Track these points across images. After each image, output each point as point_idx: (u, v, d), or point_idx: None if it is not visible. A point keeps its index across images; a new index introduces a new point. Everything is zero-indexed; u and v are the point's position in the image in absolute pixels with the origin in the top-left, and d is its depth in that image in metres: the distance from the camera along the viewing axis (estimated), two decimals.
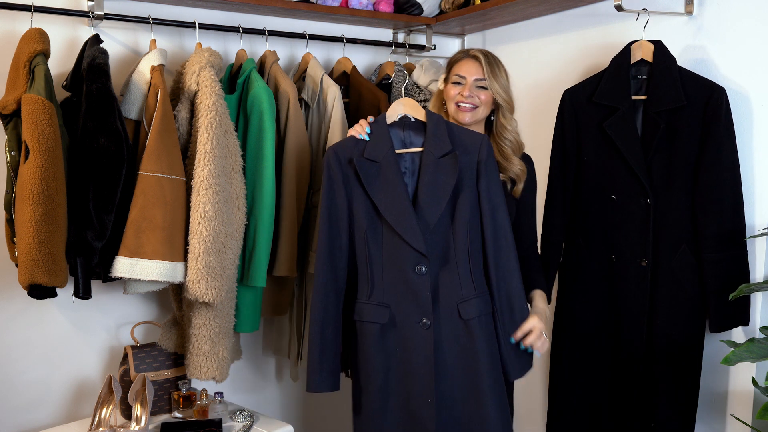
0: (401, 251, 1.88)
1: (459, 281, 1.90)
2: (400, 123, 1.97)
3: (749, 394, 2.09)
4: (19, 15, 2.21)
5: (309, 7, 2.58)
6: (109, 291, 2.45)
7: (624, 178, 2.15)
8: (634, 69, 2.20)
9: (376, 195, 1.89)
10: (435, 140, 1.91)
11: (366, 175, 1.89)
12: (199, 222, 2.11)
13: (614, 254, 2.19)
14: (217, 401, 2.37)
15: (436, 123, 1.94)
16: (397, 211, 1.87)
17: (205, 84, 2.18)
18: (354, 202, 1.93)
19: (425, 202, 1.88)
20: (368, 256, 1.92)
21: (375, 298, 1.92)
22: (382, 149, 1.92)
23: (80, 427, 2.29)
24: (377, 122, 1.97)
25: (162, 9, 2.46)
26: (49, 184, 1.93)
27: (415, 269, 1.88)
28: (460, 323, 1.90)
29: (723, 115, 2.03)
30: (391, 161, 1.91)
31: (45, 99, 1.94)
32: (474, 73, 2.09)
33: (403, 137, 1.97)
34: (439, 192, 1.88)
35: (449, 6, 2.86)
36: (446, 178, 1.88)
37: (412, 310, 1.89)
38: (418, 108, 1.97)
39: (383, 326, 1.91)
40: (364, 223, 1.92)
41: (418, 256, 1.87)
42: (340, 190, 1.93)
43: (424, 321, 1.88)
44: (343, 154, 1.94)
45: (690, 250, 2.08)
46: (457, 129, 1.97)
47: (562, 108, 2.32)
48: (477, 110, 2.10)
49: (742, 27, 2.11)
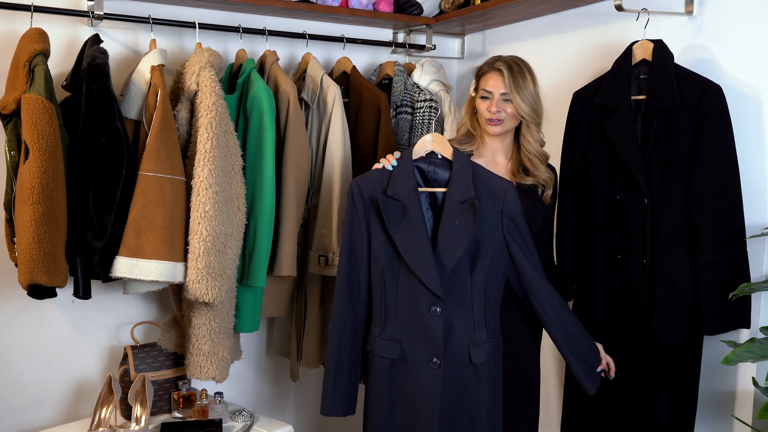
0: (417, 291, 1.90)
1: (473, 325, 1.92)
2: (426, 159, 1.97)
3: (750, 395, 2.09)
4: (19, 15, 2.21)
5: (309, 7, 2.58)
6: (109, 291, 2.45)
7: (625, 179, 2.15)
8: (636, 69, 2.20)
9: (396, 235, 1.90)
10: (459, 183, 1.91)
11: (388, 214, 1.90)
12: (199, 222, 2.11)
13: (620, 254, 2.20)
14: (217, 401, 2.37)
15: (463, 165, 1.94)
16: (417, 252, 1.88)
17: (205, 84, 2.18)
18: (373, 237, 1.95)
19: (444, 247, 1.88)
20: (384, 291, 1.94)
21: (387, 333, 1.94)
22: (405, 188, 1.92)
23: (80, 427, 2.28)
24: (403, 158, 1.97)
25: (162, 9, 2.46)
26: (49, 184, 1.93)
27: (430, 310, 1.89)
28: (470, 367, 1.92)
29: (717, 113, 2.01)
30: (413, 201, 1.91)
31: (45, 99, 1.94)
32: (499, 88, 2.10)
33: (428, 171, 1.98)
34: (459, 237, 1.88)
35: (449, 6, 2.86)
36: (467, 225, 1.88)
37: (424, 349, 1.91)
38: (447, 145, 1.97)
39: (393, 361, 1.94)
40: (382, 260, 1.93)
41: (434, 298, 1.88)
42: (361, 224, 1.95)
43: (434, 360, 1.90)
44: (366, 190, 1.95)
45: (685, 250, 2.08)
46: (483, 173, 1.97)
47: (571, 110, 2.33)
48: (504, 123, 2.12)
49: (743, 26, 2.11)
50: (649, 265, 2.12)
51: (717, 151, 2.02)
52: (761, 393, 1.90)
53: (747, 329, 2.07)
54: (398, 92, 2.71)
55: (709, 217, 2.03)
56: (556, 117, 2.43)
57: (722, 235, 2.02)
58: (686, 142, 2.06)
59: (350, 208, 1.97)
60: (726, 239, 2.02)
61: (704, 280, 2.04)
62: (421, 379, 1.91)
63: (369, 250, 1.96)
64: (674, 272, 2.09)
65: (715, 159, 2.02)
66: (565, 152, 2.35)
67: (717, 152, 2.02)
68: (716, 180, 2.02)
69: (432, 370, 1.89)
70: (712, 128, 2.02)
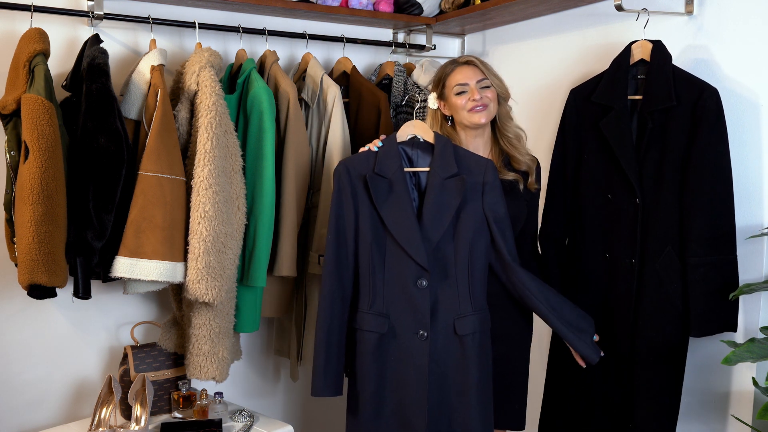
0: (404, 265, 1.96)
1: (458, 297, 1.99)
2: (410, 143, 2.06)
3: (749, 394, 2.09)
4: (19, 15, 2.21)
5: (309, 7, 2.58)
6: (109, 291, 2.45)
7: (618, 178, 2.16)
8: (634, 69, 2.20)
9: (384, 210, 1.97)
10: (442, 162, 2.00)
11: (376, 190, 1.97)
12: (199, 222, 2.11)
13: (608, 253, 2.21)
14: (217, 401, 2.37)
15: (444, 145, 2.03)
16: (404, 226, 1.96)
17: (205, 84, 2.18)
18: (361, 215, 2.01)
19: (429, 220, 1.96)
20: (371, 267, 2.00)
21: (375, 308, 2.00)
22: (391, 166, 2.00)
23: (80, 427, 2.28)
24: (388, 140, 2.06)
25: (162, 9, 2.46)
26: (49, 184, 1.93)
27: (417, 283, 1.96)
28: (455, 338, 1.98)
29: (713, 116, 2.02)
30: (400, 178, 1.99)
31: (45, 99, 1.94)
32: (474, 77, 2.15)
33: (412, 155, 2.06)
34: (444, 211, 1.96)
35: (449, 6, 2.86)
36: (450, 199, 1.97)
37: (411, 322, 1.97)
38: (428, 130, 2.07)
39: (382, 336, 1.99)
40: (369, 236, 1.99)
41: (420, 270, 1.95)
42: (348, 203, 2.01)
43: (422, 333, 1.96)
44: (353, 169, 2.03)
45: (675, 252, 2.08)
46: (463, 152, 2.06)
47: (567, 107, 2.34)
48: (489, 108, 2.15)
49: (743, 26, 2.11)
50: (637, 266, 2.12)
51: (711, 155, 2.03)
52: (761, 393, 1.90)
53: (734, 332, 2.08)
54: (398, 92, 2.71)
55: (701, 220, 2.03)
56: (556, 116, 2.43)
57: (713, 238, 2.03)
58: (681, 143, 2.07)
59: (337, 187, 2.03)
60: (717, 242, 2.03)
61: (694, 283, 2.04)
62: (408, 352, 1.97)
63: (356, 227, 2.01)
64: (663, 273, 2.09)
65: (710, 162, 2.03)
66: (558, 148, 2.35)
67: (711, 155, 2.03)
68: (709, 183, 2.03)
69: (419, 342, 1.96)
70: (708, 131, 2.02)
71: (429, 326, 1.95)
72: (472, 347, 1.97)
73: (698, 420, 2.20)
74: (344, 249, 2.02)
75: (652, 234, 2.11)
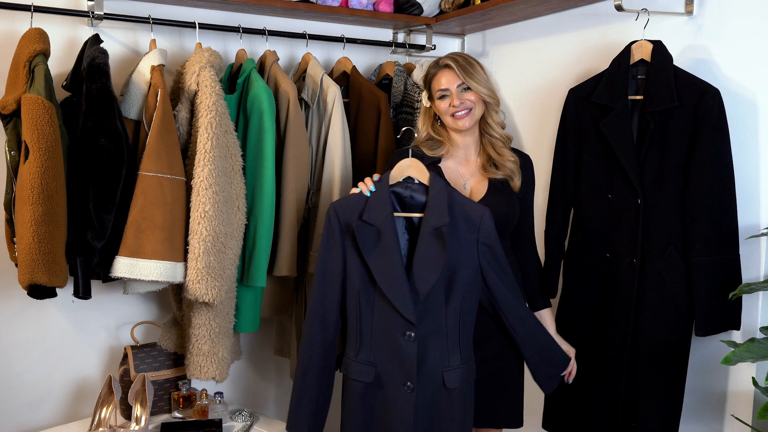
0: (391, 317, 1.90)
1: (447, 350, 1.93)
2: (404, 184, 1.98)
3: (749, 394, 2.09)
4: (19, 15, 2.21)
5: (309, 7, 2.58)
6: (109, 291, 2.45)
7: (618, 178, 2.16)
8: (634, 69, 2.20)
9: (371, 260, 1.90)
10: (434, 209, 1.92)
11: (363, 240, 1.90)
12: (199, 222, 2.11)
13: (608, 252, 2.21)
14: (217, 401, 2.37)
15: (438, 191, 1.94)
16: (391, 278, 1.89)
17: (205, 84, 2.18)
18: (349, 262, 1.95)
19: (418, 273, 1.89)
20: (359, 315, 1.95)
21: (362, 356, 1.95)
22: (381, 214, 1.92)
23: (80, 427, 2.29)
24: (380, 183, 1.98)
25: (162, 9, 2.46)
26: (49, 184, 1.93)
27: (405, 335, 1.90)
28: (443, 391, 1.94)
29: (715, 117, 2.02)
30: (389, 227, 1.91)
31: (45, 99, 1.94)
32: (453, 81, 2.12)
33: (405, 197, 1.99)
34: (433, 264, 1.88)
35: (449, 6, 2.86)
36: (441, 252, 1.88)
37: (397, 373, 1.92)
38: (424, 170, 1.98)
39: (368, 385, 1.95)
40: (357, 284, 1.94)
41: (408, 324, 1.89)
42: (336, 248, 1.95)
43: (408, 384, 1.91)
44: (343, 214, 1.96)
45: (677, 252, 2.08)
46: (459, 198, 1.97)
47: (566, 107, 2.33)
48: (473, 112, 2.13)
49: (743, 26, 2.11)
50: (639, 265, 2.12)
51: (714, 155, 2.03)
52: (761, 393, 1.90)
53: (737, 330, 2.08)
54: (398, 92, 2.71)
55: (704, 220, 2.03)
56: (555, 116, 2.43)
57: (716, 238, 2.03)
58: (683, 144, 2.07)
59: (326, 231, 1.97)
60: (720, 242, 2.03)
61: (697, 282, 2.04)
62: (394, 402, 1.92)
63: (344, 274, 1.96)
64: (666, 273, 2.09)
65: (712, 162, 2.03)
66: (558, 148, 2.35)
67: (714, 156, 2.03)
68: (712, 183, 2.03)
69: (405, 394, 1.90)
70: (710, 132, 2.02)
71: (416, 378, 1.90)
72: (459, 400, 1.94)
73: (698, 420, 2.20)
74: (330, 292, 1.97)
75: (654, 234, 2.11)
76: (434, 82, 2.16)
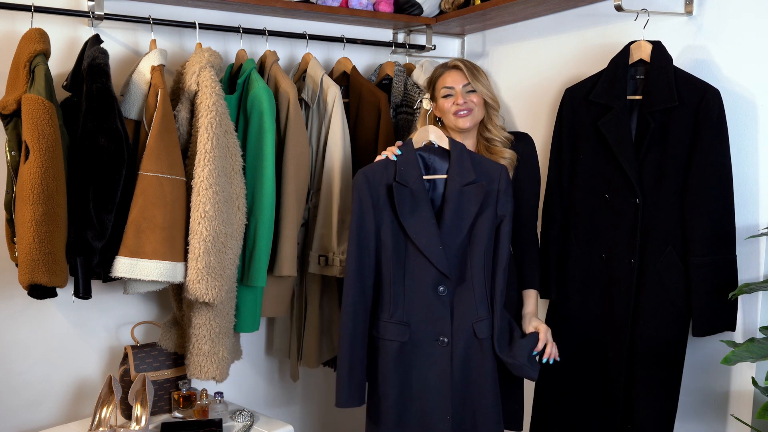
0: (425, 273, 1.99)
1: (475, 302, 2.01)
2: (426, 149, 2.08)
3: (749, 394, 2.10)
4: (19, 15, 2.21)
5: (309, 7, 2.58)
6: (109, 291, 2.45)
7: (616, 178, 2.15)
8: (633, 69, 2.20)
9: (406, 219, 1.99)
10: (459, 168, 2.02)
11: (400, 200, 1.99)
12: (199, 222, 2.11)
13: (605, 253, 2.21)
14: (217, 401, 2.37)
15: (460, 152, 2.05)
16: (425, 234, 1.98)
17: (205, 84, 2.18)
18: (382, 224, 2.02)
19: (449, 227, 1.99)
20: (392, 276, 2.01)
21: (396, 317, 2.02)
22: (412, 175, 2.02)
23: (80, 427, 2.29)
24: (406, 146, 2.07)
25: (162, 9, 2.46)
26: (49, 184, 1.93)
27: (437, 290, 1.99)
28: (475, 341, 2.01)
29: (715, 117, 2.02)
30: (420, 187, 2.01)
31: (45, 99, 1.95)
32: (459, 81, 2.20)
33: (429, 161, 2.08)
34: (463, 218, 1.99)
35: (449, 6, 2.86)
36: (469, 206, 1.99)
37: (431, 329, 2.00)
38: (442, 136, 2.08)
39: (403, 344, 2.01)
40: (391, 246, 2.01)
41: (442, 277, 1.98)
42: (369, 213, 2.02)
43: (442, 339, 1.99)
44: (374, 178, 2.04)
45: (676, 252, 2.08)
46: (478, 158, 2.08)
47: (562, 106, 2.34)
48: (474, 112, 2.21)
49: (742, 26, 2.11)
50: (637, 266, 2.12)
51: (714, 155, 2.03)
52: (761, 393, 1.90)
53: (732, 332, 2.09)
54: (398, 92, 2.71)
55: (703, 220, 2.03)
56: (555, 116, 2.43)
57: (715, 238, 2.03)
58: (683, 144, 2.07)
59: (357, 198, 2.03)
60: (718, 242, 2.03)
61: (696, 283, 2.05)
62: (431, 358, 1.99)
63: (377, 237, 2.03)
64: (664, 273, 2.09)
65: (712, 163, 2.03)
66: (554, 148, 2.36)
67: (714, 156, 2.03)
68: (712, 184, 2.03)
69: (441, 348, 1.99)
70: (710, 132, 2.02)
71: (449, 332, 1.98)
72: (489, 349, 2.01)
73: (698, 420, 2.21)
74: (366, 260, 2.03)
75: (653, 234, 2.11)
76: (440, 81, 2.24)
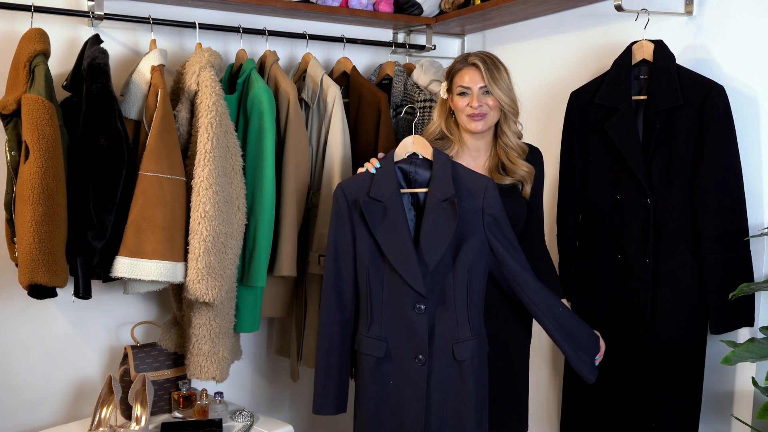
0: (401, 290, 1.94)
1: (456, 322, 1.95)
2: (408, 160, 2.01)
3: (749, 394, 2.09)
4: (19, 15, 2.21)
5: (309, 7, 2.58)
6: (109, 291, 2.45)
7: (626, 179, 2.16)
8: (636, 69, 2.20)
9: (379, 235, 1.94)
10: (439, 183, 1.95)
11: (371, 215, 1.94)
12: (199, 222, 2.11)
13: (620, 254, 2.20)
14: (217, 401, 2.37)
15: (442, 164, 1.97)
16: (400, 252, 1.92)
17: (205, 84, 2.18)
18: (358, 239, 1.99)
19: (426, 245, 1.92)
20: (369, 291, 1.98)
21: (373, 332, 1.98)
22: (387, 189, 1.96)
23: (80, 427, 2.29)
24: (386, 159, 2.02)
25: (162, 9, 2.46)
26: (49, 184, 1.93)
27: (414, 308, 1.93)
28: (454, 363, 1.95)
29: (720, 113, 2.02)
30: (395, 202, 1.95)
31: (45, 99, 1.94)
32: (477, 81, 2.08)
33: (410, 173, 2.01)
34: (441, 235, 1.92)
35: (449, 6, 2.86)
36: (448, 222, 1.91)
37: (409, 346, 1.95)
38: (427, 146, 2.01)
39: (379, 359, 1.98)
40: (367, 260, 1.97)
41: (418, 296, 1.92)
42: (345, 227, 2.00)
43: (420, 357, 1.94)
44: (350, 193, 2.00)
45: (689, 250, 2.08)
46: (462, 171, 1.99)
47: (569, 109, 2.34)
48: (488, 117, 2.10)
49: (743, 26, 2.11)
50: (651, 265, 2.12)
51: (721, 152, 2.03)
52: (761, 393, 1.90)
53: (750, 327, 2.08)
54: (398, 92, 2.71)
55: (714, 217, 2.03)
56: (556, 117, 2.43)
57: (727, 235, 2.03)
58: (690, 142, 2.07)
59: (335, 211, 2.01)
60: (731, 239, 2.03)
61: (710, 280, 2.05)
62: (407, 376, 1.95)
63: (354, 251, 2.00)
64: (678, 272, 2.09)
65: (720, 159, 2.03)
66: (564, 152, 2.36)
67: (721, 153, 2.03)
68: (721, 180, 2.03)
69: (417, 367, 1.94)
70: (716, 129, 2.02)
71: (427, 351, 1.93)
72: (471, 372, 1.94)
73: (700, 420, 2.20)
74: (342, 270, 2.00)
75: (665, 233, 2.11)
76: (457, 77, 2.12)
